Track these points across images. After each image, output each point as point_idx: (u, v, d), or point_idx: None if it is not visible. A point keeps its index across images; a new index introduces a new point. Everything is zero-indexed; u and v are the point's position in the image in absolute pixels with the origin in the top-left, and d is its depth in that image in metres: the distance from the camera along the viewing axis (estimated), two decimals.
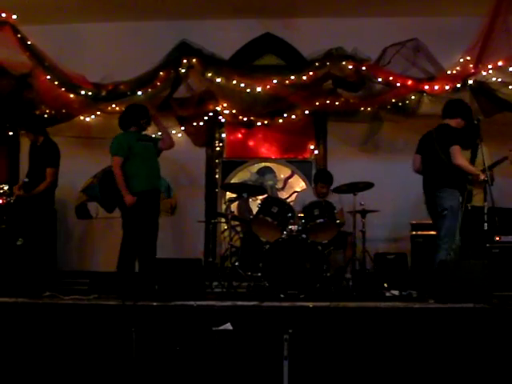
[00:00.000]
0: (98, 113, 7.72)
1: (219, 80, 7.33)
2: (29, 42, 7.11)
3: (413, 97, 7.20)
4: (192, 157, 8.15)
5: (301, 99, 7.45)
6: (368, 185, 6.81)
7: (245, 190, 7.08)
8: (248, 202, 8.06)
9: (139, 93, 7.31)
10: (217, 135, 8.32)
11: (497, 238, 6.58)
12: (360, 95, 7.34)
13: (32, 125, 6.83)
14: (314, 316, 4.96)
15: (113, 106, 7.48)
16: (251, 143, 8.48)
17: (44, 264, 6.49)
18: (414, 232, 7.15)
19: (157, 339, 4.81)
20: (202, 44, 7.36)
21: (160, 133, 6.60)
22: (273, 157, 8.44)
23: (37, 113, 7.57)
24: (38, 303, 5.33)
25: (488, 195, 5.77)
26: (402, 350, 4.68)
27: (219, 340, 4.72)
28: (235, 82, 7.32)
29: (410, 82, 7.03)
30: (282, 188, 8.31)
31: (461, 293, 5.14)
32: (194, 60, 7.30)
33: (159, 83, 7.34)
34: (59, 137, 7.81)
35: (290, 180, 8.33)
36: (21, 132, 7.17)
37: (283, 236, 6.33)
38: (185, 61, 7.31)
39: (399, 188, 7.52)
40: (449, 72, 6.98)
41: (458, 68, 6.96)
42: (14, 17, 7.01)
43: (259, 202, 6.84)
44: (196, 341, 4.76)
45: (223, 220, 7.60)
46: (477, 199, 6.19)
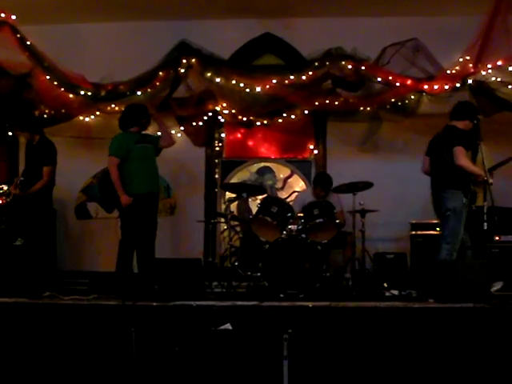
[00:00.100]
0: (98, 113, 7.72)
1: (218, 80, 7.33)
2: (28, 42, 7.10)
3: (412, 96, 7.20)
4: (191, 157, 8.15)
5: (300, 99, 7.45)
6: (367, 184, 6.81)
7: (244, 190, 7.08)
8: (247, 202, 8.05)
9: (138, 93, 7.31)
10: (216, 135, 8.32)
11: (496, 238, 6.58)
12: (359, 95, 7.34)
13: (27, 124, 6.78)
14: (314, 316, 4.96)
15: (112, 106, 7.49)
16: (251, 143, 8.48)
17: (44, 264, 6.47)
18: (414, 232, 7.16)
19: (156, 339, 4.81)
20: (202, 44, 7.36)
21: (159, 133, 6.60)
22: (272, 157, 8.43)
23: (36, 113, 7.57)
24: (38, 303, 5.33)
25: (488, 195, 5.78)
26: (402, 350, 4.68)
27: (219, 340, 4.72)
28: (234, 82, 7.32)
29: (410, 82, 7.03)
30: (282, 188, 8.30)
31: (460, 292, 5.14)
32: (194, 60, 7.30)
33: (158, 83, 7.34)
34: (59, 137, 7.81)
35: (290, 180, 8.33)
36: (16, 132, 7.10)
37: (283, 236, 6.32)
38: (184, 61, 7.31)
39: (399, 188, 7.53)
40: (448, 72, 6.98)
41: (458, 67, 6.96)
42: (14, 17, 7.00)
43: (259, 202, 6.85)
44: (196, 341, 4.76)
45: (223, 220, 7.60)
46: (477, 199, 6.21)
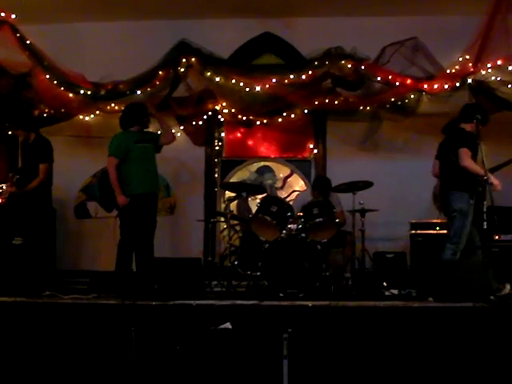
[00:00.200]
0: (98, 112, 7.72)
1: (218, 79, 7.33)
2: (28, 42, 7.10)
3: (412, 96, 7.20)
4: (191, 156, 8.16)
5: (300, 98, 7.45)
6: (367, 184, 6.82)
7: (244, 189, 7.08)
8: (247, 201, 8.06)
9: (138, 92, 7.32)
10: (216, 134, 8.31)
11: (496, 237, 6.58)
12: (359, 94, 7.34)
13: (22, 122, 6.70)
14: (314, 315, 4.96)
15: (112, 106, 7.49)
16: (250, 142, 8.47)
17: (43, 263, 6.47)
18: (414, 231, 7.15)
19: (156, 338, 4.80)
20: (201, 43, 7.36)
21: (159, 132, 6.60)
22: (272, 156, 8.43)
23: (36, 112, 7.57)
24: (38, 302, 5.33)
25: (487, 194, 5.78)
26: (402, 349, 4.68)
27: (219, 339, 4.72)
28: (234, 82, 7.32)
29: (409, 81, 7.04)
30: (282, 187, 8.30)
31: (460, 292, 5.14)
32: (193, 59, 7.31)
33: (158, 82, 7.35)
34: (58, 136, 7.83)
35: (290, 179, 8.33)
36: (11, 130, 7.01)
37: (282, 235, 6.32)
38: (184, 60, 7.31)
39: (398, 187, 7.53)
40: (448, 71, 6.98)
41: (457, 67, 6.97)
42: (13, 16, 7.00)
43: (258, 201, 6.84)
44: (195, 340, 4.76)
45: (222, 219, 7.60)
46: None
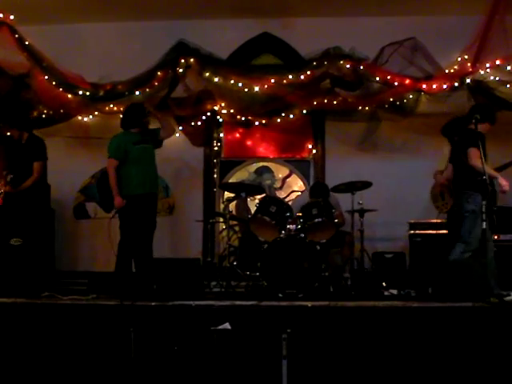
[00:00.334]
0: (96, 113, 7.72)
1: (217, 80, 7.34)
2: (26, 42, 7.10)
3: (411, 96, 7.21)
4: (190, 156, 8.16)
5: (298, 98, 7.45)
6: (366, 184, 6.82)
7: (243, 190, 7.08)
8: (246, 202, 8.05)
9: (137, 93, 7.32)
10: (215, 135, 8.30)
11: (495, 237, 6.57)
12: (358, 94, 7.34)
13: (16, 121, 6.66)
14: (313, 315, 4.96)
15: (111, 106, 7.49)
16: (249, 143, 8.47)
17: (42, 264, 6.47)
18: (412, 231, 7.14)
19: (155, 339, 4.80)
20: (200, 44, 7.37)
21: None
22: (271, 156, 8.43)
23: (35, 113, 7.57)
24: (37, 303, 5.33)
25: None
26: (401, 349, 4.68)
27: (218, 340, 4.72)
28: (233, 82, 7.33)
29: (408, 81, 7.04)
30: (280, 187, 8.31)
31: (460, 292, 5.14)
32: (192, 60, 7.31)
33: (157, 83, 7.35)
34: (57, 137, 7.85)
35: (288, 179, 8.33)
36: (4, 129, 6.94)
37: (281, 235, 6.32)
38: (182, 61, 7.31)
39: (397, 187, 7.53)
40: (446, 71, 7.00)
41: (456, 67, 6.98)
42: (12, 17, 7.00)
43: (257, 202, 6.83)
44: (195, 340, 4.76)
45: (221, 220, 7.59)
46: None
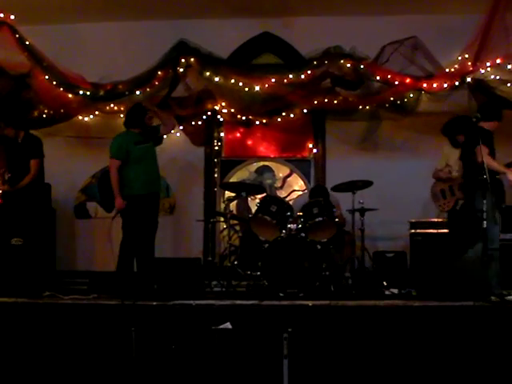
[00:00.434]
0: (97, 112, 7.73)
1: (217, 79, 7.33)
2: (27, 42, 7.10)
3: (411, 95, 7.20)
4: (191, 156, 8.16)
5: (299, 98, 7.45)
6: (367, 183, 6.81)
7: (243, 189, 7.08)
8: (247, 201, 8.05)
9: (137, 92, 7.32)
10: (215, 134, 8.30)
11: None
12: (358, 93, 7.34)
13: (12, 120, 6.58)
14: (314, 314, 4.96)
15: (111, 106, 7.50)
16: (250, 142, 8.47)
17: (43, 264, 6.46)
18: (413, 230, 7.14)
19: (156, 338, 4.81)
20: (200, 43, 7.37)
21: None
22: (271, 156, 8.43)
23: (35, 113, 7.57)
24: (38, 303, 5.34)
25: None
26: (402, 349, 4.68)
27: (219, 339, 4.72)
28: (233, 81, 7.32)
29: (409, 80, 7.04)
30: (281, 187, 8.30)
31: (460, 291, 5.15)
32: (192, 59, 7.31)
33: (157, 83, 7.35)
34: (58, 137, 7.86)
35: (289, 179, 8.33)
36: (2, 128, 6.88)
37: (282, 235, 6.32)
38: (183, 60, 7.31)
39: (398, 186, 7.52)
40: (447, 70, 6.99)
41: (457, 66, 6.97)
42: (12, 17, 7.00)
43: (258, 201, 6.83)
44: (196, 340, 4.76)
45: (222, 219, 7.59)
46: None
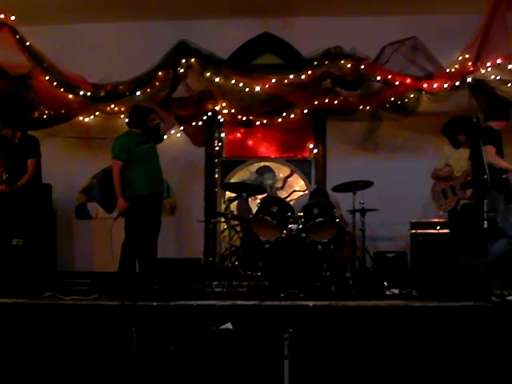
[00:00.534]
0: (97, 113, 7.73)
1: (218, 80, 7.34)
2: (27, 43, 7.11)
3: (412, 95, 7.20)
4: (191, 156, 8.16)
5: (300, 98, 7.45)
6: (367, 183, 6.81)
7: (244, 190, 7.08)
8: (247, 202, 8.05)
9: (138, 93, 7.34)
10: (216, 135, 8.30)
11: None
12: (359, 94, 7.35)
13: (10, 120, 6.57)
14: (314, 315, 4.96)
15: (112, 107, 7.51)
16: (250, 142, 8.47)
17: (44, 264, 6.46)
18: (414, 230, 7.14)
19: (157, 339, 4.81)
20: (201, 44, 7.38)
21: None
22: (272, 156, 8.43)
23: (36, 113, 7.57)
24: (38, 304, 5.33)
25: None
26: (403, 349, 4.68)
27: (219, 339, 4.72)
28: (234, 82, 7.33)
29: (409, 81, 7.04)
30: (282, 187, 8.30)
31: (461, 291, 5.15)
32: (193, 60, 7.32)
33: (158, 83, 7.36)
34: (58, 137, 7.86)
35: (290, 179, 8.33)
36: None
37: (283, 235, 6.31)
38: (183, 61, 7.32)
39: (398, 186, 7.52)
40: (447, 70, 6.99)
41: (457, 66, 6.98)
42: (13, 18, 7.01)
43: (259, 202, 6.83)
44: (196, 340, 4.76)
45: (223, 219, 7.58)
46: None
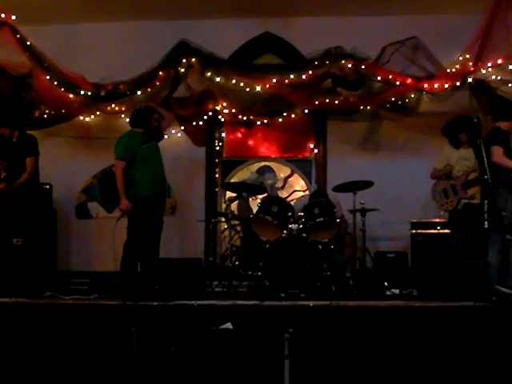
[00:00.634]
0: (98, 113, 7.73)
1: (218, 79, 7.33)
2: (28, 43, 7.10)
3: (412, 95, 7.19)
4: (192, 156, 8.16)
5: (300, 98, 7.45)
6: (368, 183, 6.80)
7: (245, 190, 7.08)
8: (248, 202, 8.04)
9: (139, 93, 7.33)
10: (216, 134, 8.30)
11: None
12: (359, 94, 7.34)
13: (8, 119, 6.54)
14: (315, 315, 4.96)
15: (112, 106, 7.51)
16: (251, 142, 8.46)
17: (44, 264, 6.46)
18: (414, 230, 7.14)
19: (157, 339, 4.81)
20: (202, 43, 7.37)
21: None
22: (272, 156, 8.43)
23: (36, 113, 7.57)
24: (39, 303, 5.34)
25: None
26: (403, 349, 4.68)
27: (220, 339, 4.72)
28: (234, 82, 7.32)
29: (410, 81, 7.03)
30: (282, 187, 8.30)
31: (461, 291, 5.15)
32: (194, 59, 7.32)
33: (158, 83, 7.35)
34: (59, 137, 7.86)
35: (290, 179, 8.32)
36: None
37: (283, 235, 6.31)
38: (184, 60, 7.32)
39: (399, 186, 7.52)
40: (448, 70, 6.98)
41: (458, 66, 6.97)
42: (14, 17, 7.01)
43: (259, 202, 6.83)
44: (197, 340, 4.76)
45: (223, 219, 7.58)
46: (478, 197, 6.21)
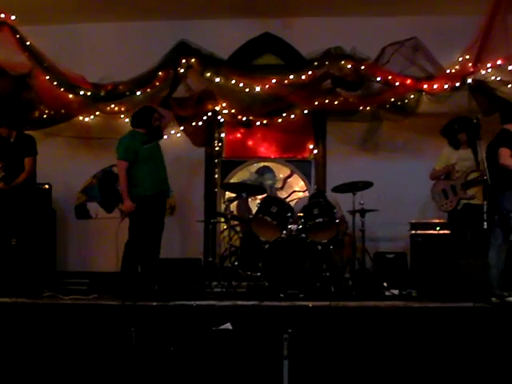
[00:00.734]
0: (97, 113, 7.72)
1: (218, 80, 7.34)
2: (28, 43, 7.10)
3: (412, 96, 7.19)
4: (191, 157, 8.16)
5: (300, 99, 7.45)
6: (367, 184, 6.80)
7: (244, 190, 7.09)
8: (247, 202, 8.04)
9: (138, 93, 7.33)
10: (216, 135, 8.30)
11: None
12: (359, 94, 7.34)
13: (6, 119, 6.51)
14: (314, 315, 4.96)
15: (112, 106, 7.50)
16: (250, 143, 8.47)
17: (43, 264, 6.46)
18: (414, 231, 7.14)
19: (156, 339, 4.81)
20: (201, 44, 7.37)
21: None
22: (272, 156, 8.43)
23: (36, 113, 7.57)
24: (38, 303, 5.34)
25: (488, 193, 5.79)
26: (402, 350, 4.68)
27: (219, 340, 4.72)
28: (234, 82, 7.33)
29: (409, 81, 7.04)
30: (282, 187, 8.30)
31: (460, 292, 5.15)
32: (193, 60, 7.32)
33: (158, 83, 7.35)
34: (59, 137, 7.86)
35: (290, 179, 8.33)
36: None
37: (283, 235, 6.32)
38: (184, 61, 7.32)
39: (398, 187, 7.52)
40: (448, 71, 6.99)
41: (457, 67, 6.97)
42: (13, 17, 7.01)
43: (258, 202, 6.84)
44: (196, 341, 4.76)
45: (223, 220, 7.58)
46: (477, 197, 6.22)
